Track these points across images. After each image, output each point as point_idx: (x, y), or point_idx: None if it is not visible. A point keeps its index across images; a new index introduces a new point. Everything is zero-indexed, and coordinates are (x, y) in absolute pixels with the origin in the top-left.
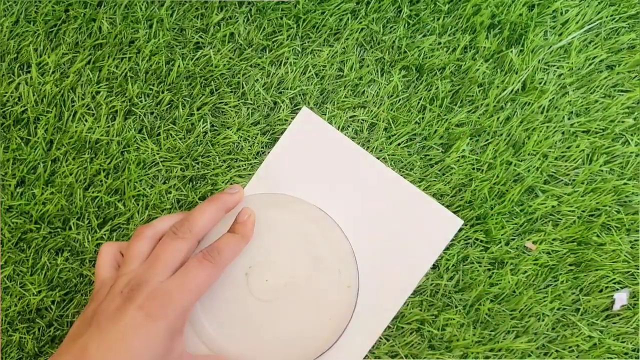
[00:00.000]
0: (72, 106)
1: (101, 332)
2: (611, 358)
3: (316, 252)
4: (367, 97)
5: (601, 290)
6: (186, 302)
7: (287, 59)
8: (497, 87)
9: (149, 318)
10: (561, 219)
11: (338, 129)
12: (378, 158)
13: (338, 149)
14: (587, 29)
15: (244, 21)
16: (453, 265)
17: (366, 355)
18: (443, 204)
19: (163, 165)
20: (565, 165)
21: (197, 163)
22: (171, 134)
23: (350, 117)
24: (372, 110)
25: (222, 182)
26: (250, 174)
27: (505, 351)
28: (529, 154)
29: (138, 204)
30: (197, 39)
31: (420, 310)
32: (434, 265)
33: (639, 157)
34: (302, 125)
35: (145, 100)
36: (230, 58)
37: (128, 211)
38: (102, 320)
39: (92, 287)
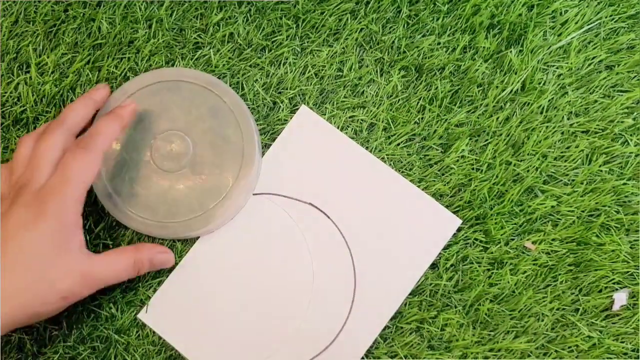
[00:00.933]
0: None
1: None
2: (610, 358)
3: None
4: (367, 97)
5: (600, 291)
6: (72, 194)
7: (287, 59)
8: (497, 87)
9: (36, 216)
10: (560, 219)
11: (337, 129)
12: (377, 158)
13: (337, 148)
14: (586, 29)
15: (243, 21)
16: (452, 265)
17: (365, 356)
18: (442, 204)
19: None
20: (565, 166)
21: None
22: None
23: (349, 117)
24: (371, 110)
25: None
26: None
27: (504, 351)
28: (528, 154)
29: None
30: (196, 39)
31: (420, 310)
32: (433, 265)
33: (638, 157)
34: (300, 124)
35: None
36: (229, 58)
37: None
38: None
39: None
